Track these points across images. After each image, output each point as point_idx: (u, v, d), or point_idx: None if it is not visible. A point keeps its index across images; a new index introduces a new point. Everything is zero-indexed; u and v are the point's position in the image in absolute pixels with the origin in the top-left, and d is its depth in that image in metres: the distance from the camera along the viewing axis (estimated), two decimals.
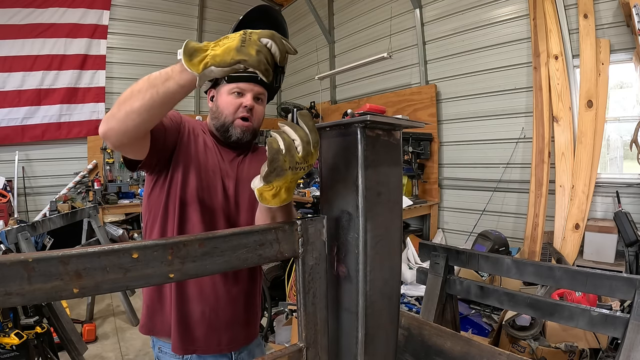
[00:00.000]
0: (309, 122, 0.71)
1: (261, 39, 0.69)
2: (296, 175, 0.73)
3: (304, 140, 0.70)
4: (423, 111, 4.56)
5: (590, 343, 2.19)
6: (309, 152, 0.70)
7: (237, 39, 0.70)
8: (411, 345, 1.32)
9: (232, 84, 1.13)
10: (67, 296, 0.51)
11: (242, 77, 1.12)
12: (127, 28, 5.66)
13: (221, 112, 1.16)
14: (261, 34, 0.70)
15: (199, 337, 1.14)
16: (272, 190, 0.76)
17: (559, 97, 3.39)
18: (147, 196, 1.18)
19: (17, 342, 1.95)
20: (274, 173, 0.71)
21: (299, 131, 0.70)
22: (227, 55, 0.70)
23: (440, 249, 1.81)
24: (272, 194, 0.77)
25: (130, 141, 0.91)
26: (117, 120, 0.85)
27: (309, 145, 0.70)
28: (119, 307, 3.80)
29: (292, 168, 0.71)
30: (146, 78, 0.82)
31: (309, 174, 5.23)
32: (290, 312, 2.66)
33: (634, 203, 3.13)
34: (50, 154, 5.22)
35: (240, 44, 0.69)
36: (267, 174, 0.71)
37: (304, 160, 0.71)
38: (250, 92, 1.14)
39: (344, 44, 5.90)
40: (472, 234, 3.94)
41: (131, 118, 0.84)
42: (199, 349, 1.15)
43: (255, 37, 0.70)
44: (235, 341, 1.21)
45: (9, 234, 2.60)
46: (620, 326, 1.23)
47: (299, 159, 0.70)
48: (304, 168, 0.72)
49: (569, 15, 3.42)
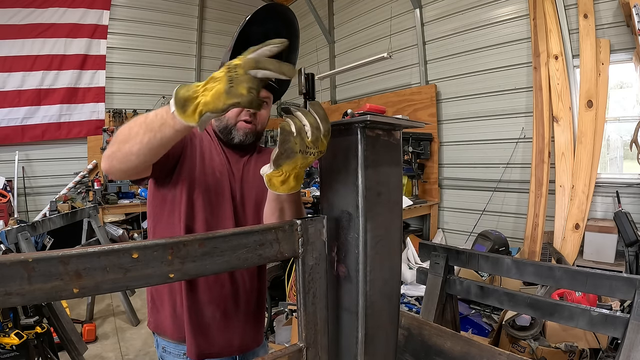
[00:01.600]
0: (319, 110, 0.72)
1: (249, 72, 0.65)
2: (306, 161, 0.73)
3: (313, 126, 0.71)
4: (423, 111, 4.56)
5: (590, 343, 2.19)
6: (318, 138, 0.71)
7: (223, 79, 0.66)
8: (411, 345, 1.32)
9: None
10: (67, 296, 0.51)
11: None
12: (127, 28, 5.66)
13: (224, 116, 1.13)
14: (246, 64, 0.65)
15: (214, 340, 1.13)
16: (281, 176, 0.76)
17: (559, 97, 3.39)
18: (151, 197, 1.17)
19: (17, 342, 1.95)
20: (284, 155, 0.72)
21: (309, 117, 0.71)
22: (218, 101, 0.67)
23: (440, 249, 1.81)
24: (280, 180, 0.77)
25: (133, 175, 0.94)
26: (118, 160, 0.86)
27: (318, 130, 0.71)
28: (119, 307, 3.80)
29: (302, 152, 0.71)
30: (143, 119, 0.81)
31: (309, 173, 5.22)
32: (290, 312, 2.66)
33: (634, 203, 3.13)
34: (50, 154, 5.22)
35: (228, 84, 0.65)
36: (277, 155, 0.72)
37: (314, 145, 0.72)
38: None
39: (344, 44, 5.90)
40: (472, 234, 3.94)
41: (131, 160, 0.84)
42: (214, 353, 1.14)
43: (242, 72, 0.65)
44: (246, 343, 1.21)
45: (9, 234, 2.60)
46: (620, 326, 1.23)
47: (309, 143, 0.71)
48: (314, 154, 0.73)
49: (569, 15, 3.42)
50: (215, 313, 1.13)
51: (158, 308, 1.18)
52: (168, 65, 5.99)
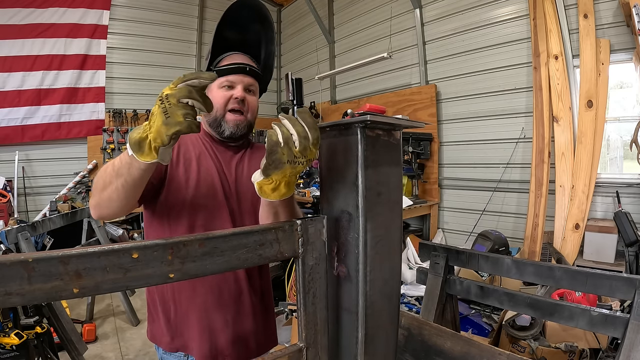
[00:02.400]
0: (307, 118, 0.71)
1: (181, 100, 0.67)
2: (295, 170, 0.73)
3: (301, 135, 0.69)
4: (423, 111, 4.56)
5: (590, 343, 2.19)
6: (306, 147, 0.70)
7: (159, 113, 0.68)
8: (411, 345, 1.32)
9: (221, 78, 1.10)
10: (67, 296, 0.51)
11: (230, 69, 1.11)
12: (127, 28, 5.66)
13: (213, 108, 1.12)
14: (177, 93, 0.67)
15: (223, 346, 1.12)
16: (271, 184, 0.76)
17: (559, 97, 3.39)
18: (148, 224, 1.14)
19: (17, 342, 1.95)
20: (272, 165, 0.71)
21: (297, 126, 0.70)
22: (161, 135, 0.68)
23: (440, 249, 1.80)
24: (271, 188, 0.77)
25: (127, 212, 0.95)
26: (104, 207, 0.91)
27: (306, 140, 0.70)
28: (119, 307, 3.80)
29: (291, 162, 0.71)
30: (111, 168, 0.85)
31: (309, 173, 5.22)
32: (290, 312, 2.66)
33: (634, 203, 3.13)
34: (50, 154, 5.22)
35: (165, 116, 0.67)
36: (265, 166, 0.72)
37: (302, 155, 0.71)
38: (240, 83, 1.11)
39: (344, 44, 5.90)
40: (472, 234, 3.94)
41: (114, 205, 0.89)
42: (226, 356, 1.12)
43: (174, 101, 0.67)
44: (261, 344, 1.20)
45: (9, 234, 2.60)
46: (620, 326, 1.23)
47: (297, 153, 0.70)
48: (303, 163, 0.72)
49: (569, 15, 3.42)
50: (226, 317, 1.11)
51: (153, 317, 1.17)
52: (168, 65, 5.98)
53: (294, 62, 7.02)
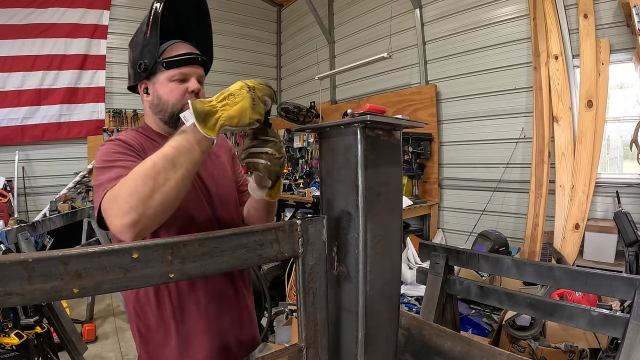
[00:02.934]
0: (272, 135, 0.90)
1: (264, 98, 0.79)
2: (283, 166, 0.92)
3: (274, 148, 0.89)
4: (423, 111, 4.55)
5: (590, 343, 2.19)
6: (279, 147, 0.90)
7: (246, 97, 0.76)
8: (411, 345, 1.32)
9: (173, 70, 1.01)
10: (67, 296, 0.51)
11: (183, 60, 1.02)
12: (127, 28, 5.65)
13: (165, 103, 1.04)
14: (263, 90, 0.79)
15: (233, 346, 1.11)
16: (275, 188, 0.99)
17: (559, 97, 3.39)
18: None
19: (17, 342, 1.95)
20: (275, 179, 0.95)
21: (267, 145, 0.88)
22: (243, 116, 0.76)
23: (440, 249, 1.80)
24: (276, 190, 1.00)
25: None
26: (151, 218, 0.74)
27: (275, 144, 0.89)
28: (119, 307, 3.80)
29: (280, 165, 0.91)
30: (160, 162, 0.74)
31: (309, 173, 5.23)
32: (290, 312, 2.66)
33: (634, 203, 3.12)
34: (50, 154, 5.22)
35: (252, 102, 0.76)
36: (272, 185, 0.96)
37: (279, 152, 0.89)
38: (194, 75, 1.04)
39: (344, 44, 5.90)
40: (472, 234, 3.94)
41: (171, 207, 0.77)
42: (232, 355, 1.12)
43: (260, 95, 0.78)
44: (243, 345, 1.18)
45: (9, 234, 2.60)
46: (620, 326, 1.23)
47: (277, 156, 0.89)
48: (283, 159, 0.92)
49: (569, 15, 3.41)
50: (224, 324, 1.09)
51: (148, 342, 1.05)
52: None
53: (294, 62, 7.02)
